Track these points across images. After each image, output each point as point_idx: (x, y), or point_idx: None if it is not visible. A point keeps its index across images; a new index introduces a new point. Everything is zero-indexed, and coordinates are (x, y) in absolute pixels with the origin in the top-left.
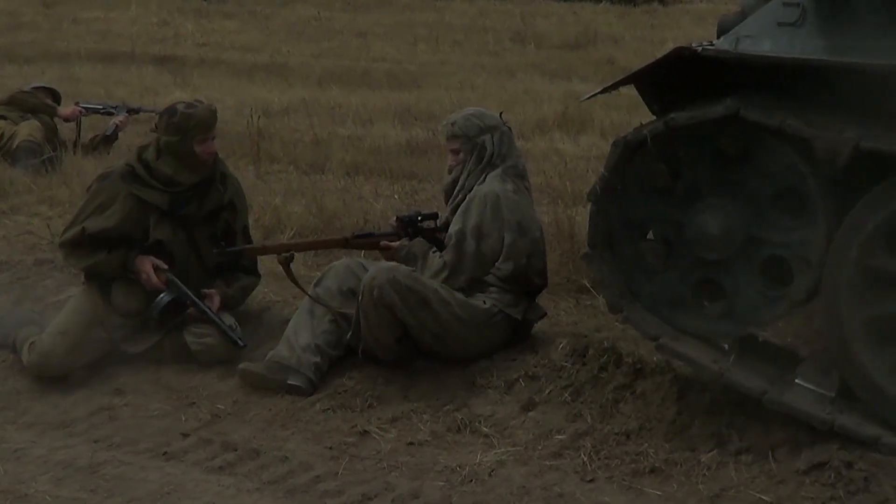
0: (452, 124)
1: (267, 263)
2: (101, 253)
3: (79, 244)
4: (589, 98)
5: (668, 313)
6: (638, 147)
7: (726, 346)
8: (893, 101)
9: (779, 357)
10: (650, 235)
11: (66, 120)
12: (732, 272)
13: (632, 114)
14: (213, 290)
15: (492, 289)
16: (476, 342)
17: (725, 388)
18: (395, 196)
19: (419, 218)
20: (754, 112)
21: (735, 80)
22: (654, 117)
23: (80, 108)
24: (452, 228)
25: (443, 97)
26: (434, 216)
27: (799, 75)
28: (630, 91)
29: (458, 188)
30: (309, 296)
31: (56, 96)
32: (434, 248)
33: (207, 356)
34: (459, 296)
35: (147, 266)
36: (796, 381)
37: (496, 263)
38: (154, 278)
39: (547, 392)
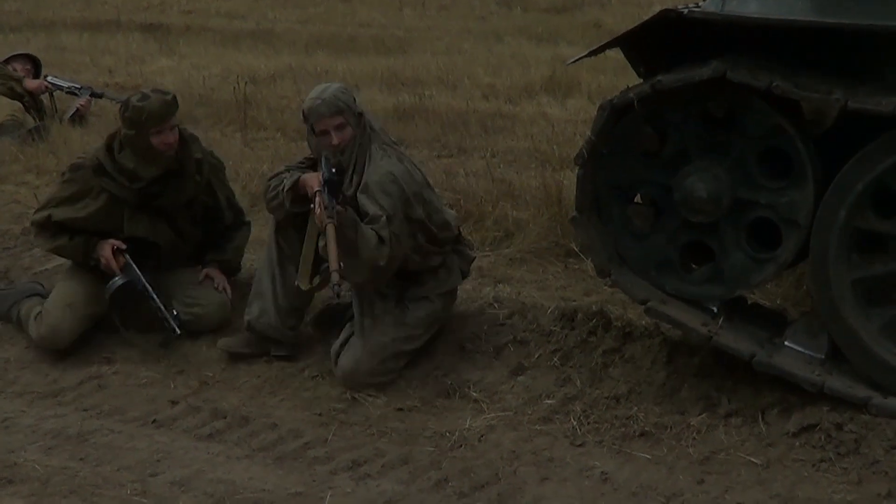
0: (335, 99)
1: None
2: (63, 237)
3: (45, 227)
4: (575, 61)
5: (657, 277)
6: (625, 110)
7: (715, 309)
8: (881, 62)
9: (768, 319)
10: (638, 199)
11: (32, 92)
12: (720, 235)
13: (619, 77)
14: (210, 269)
15: (427, 276)
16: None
17: (714, 351)
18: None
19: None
20: (741, 74)
21: (722, 42)
22: (641, 80)
23: (46, 83)
24: (371, 209)
25: (430, 62)
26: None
27: (786, 37)
28: (617, 54)
29: (352, 166)
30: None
31: (37, 63)
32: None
33: (196, 325)
34: (415, 316)
35: (107, 251)
36: (785, 343)
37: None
38: (113, 263)
39: (536, 357)
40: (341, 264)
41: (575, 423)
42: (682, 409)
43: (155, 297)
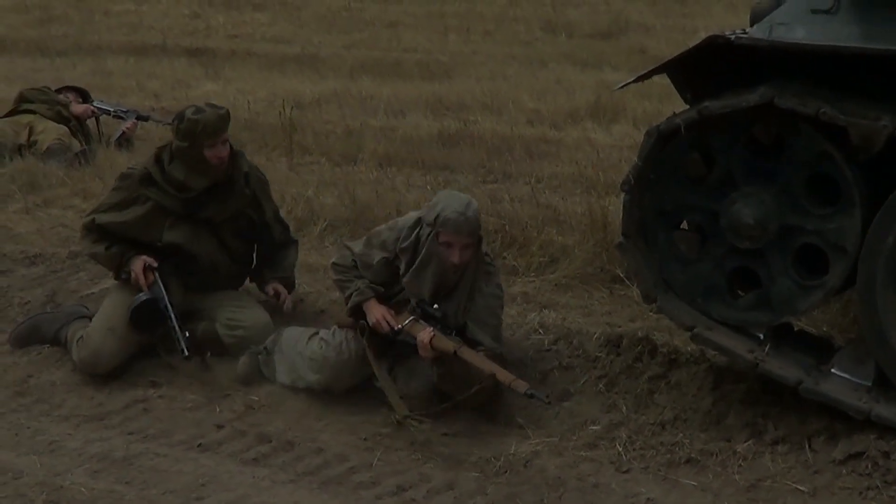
0: (476, 220)
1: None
2: (102, 245)
3: (90, 231)
4: (621, 87)
5: (703, 303)
6: (671, 136)
7: (761, 336)
8: None
9: (814, 346)
10: (684, 225)
11: (79, 117)
12: (767, 261)
13: (664, 103)
14: (276, 285)
15: None
16: None
17: (761, 378)
18: (428, 187)
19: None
20: (789, 100)
21: (769, 68)
22: (688, 106)
23: (92, 108)
24: (484, 340)
25: (474, 87)
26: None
27: (833, 63)
28: (662, 80)
29: (460, 289)
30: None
31: (85, 95)
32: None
33: (240, 349)
34: None
35: (138, 266)
36: (832, 370)
37: None
38: (141, 278)
39: (581, 383)
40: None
41: (620, 449)
42: (728, 436)
43: (173, 316)
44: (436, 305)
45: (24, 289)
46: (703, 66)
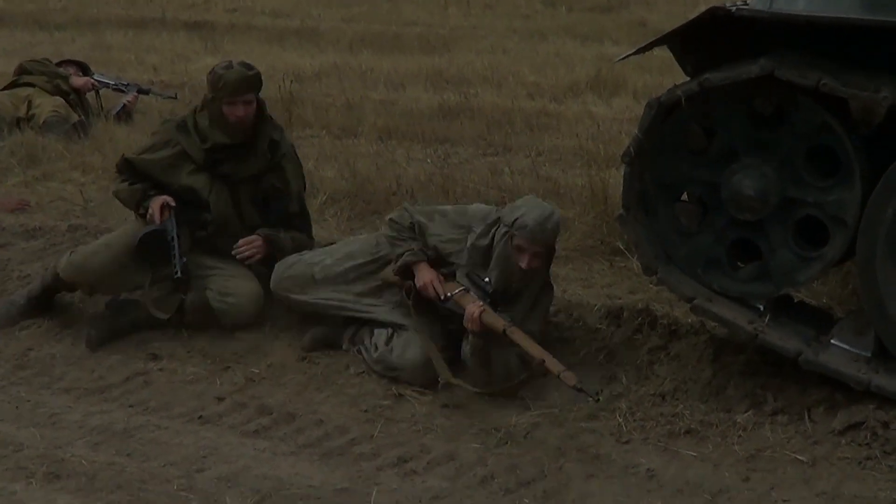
0: (556, 231)
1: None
2: (126, 182)
3: (120, 170)
4: (622, 59)
5: (703, 274)
6: (672, 108)
7: (761, 307)
8: None
9: (814, 317)
10: (684, 197)
11: (79, 90)
12: (767, 233)
13: (665, 75)
14: (256, 237)
15: None
16: None
17: (761, 349)
18: (428, 160)
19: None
20: (789, 72)
21: (769, 39)
22: (688, 78)
23: (92, 81)
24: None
25: (474, 61)
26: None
27: (834, 34)
28: (663, 52)
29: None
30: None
31: (86, 69)
32: None
33: (229, 316)
34: None
35: (157, 202)
36: (832, 341)
37: None
38: (157, 213)
39: (582, 354)
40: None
41: (620, 420)
42: (728, 407)
43: (177, 246)
44: (487, 279)
45: (24, 262)
46: (704, 39)
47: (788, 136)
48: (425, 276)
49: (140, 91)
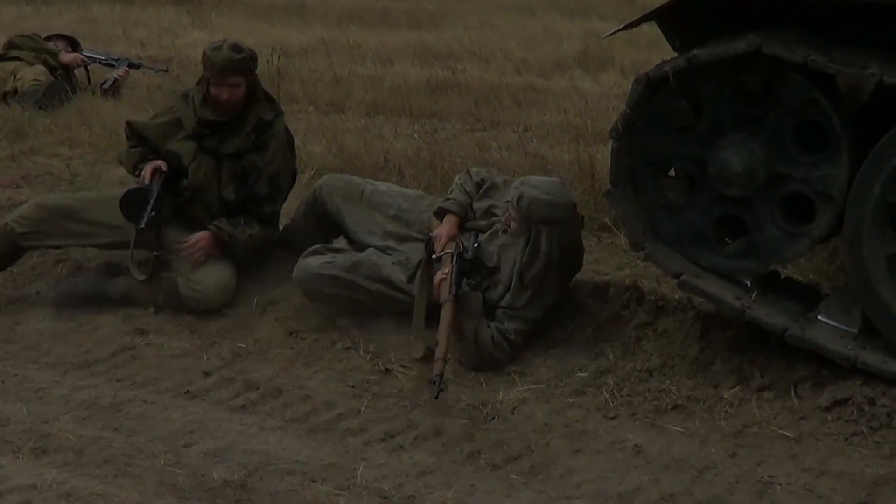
0: (567, 204)
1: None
2: (128, 146)
3: (127, 137)
4: (610, 35)
5: (690, 250)
6: (660, 84)
7: (748, 283)
8: None
9: (801, 294)
10: (672, 172)
11: (68, 66)
12: (755, 209)
13: (652, 51)
14: (202, 234)
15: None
16: None
17: (748, 325)
18: (416, 135)
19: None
20: (777, 48)
21: (758, 15)
22: (676, 54)
23: (82, 56)
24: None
25: (462, 36)
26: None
27: (822, 10)
28: (651, 28)
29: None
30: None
31: (75, 44)
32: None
33: (197, 304)
34: None
35: (149, 167)
36: (819, 317)
37: None
38: (148, 176)
39: (569, 330)
40: (447, 355)
41: (607, 395)
42: (715, 383)
43: (152, 202)
44: (476, 244)
45: None
46: (692, 14)
47: (776, 112)
48: (443, 228)
49: (131, 65)
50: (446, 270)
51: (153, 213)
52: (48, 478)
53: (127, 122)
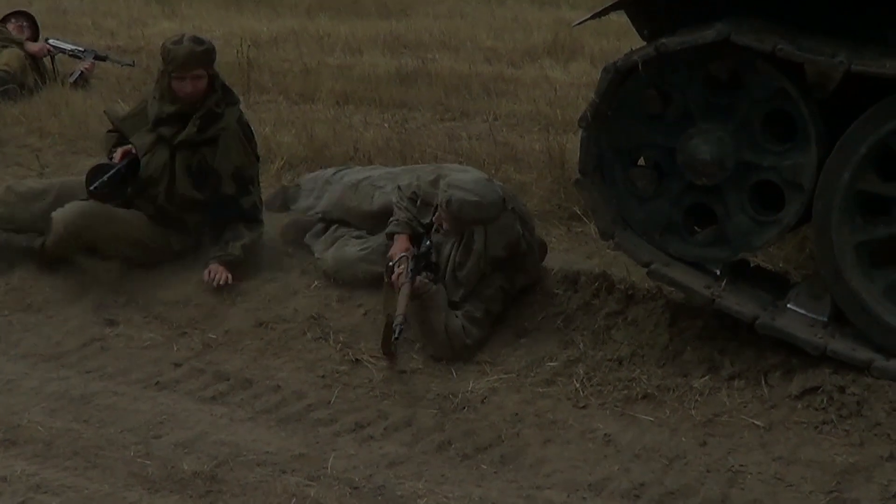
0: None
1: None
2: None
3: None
4: (579, 24)
5: (660, 239)
6: (628, 73)
7: (718, 272)
8: (885, 25)
9: (771, 282)
10: (641, 161)
11: (34, 55)
12: (724, 197)
13: (622, 40)
14: (212, 267)
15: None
16: None
17: (717, 314)
18: (386, 125)
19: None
20: (745, 36)
21: (726, 4)
22: (645, 43)
23: (48, 46)
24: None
25: (432, 25)
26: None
27: None
28: (621, 17)
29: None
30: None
31: (33, 21)
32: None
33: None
34: None
35: (121, 150)
36: (788, 305)
37: None
38: (118, 156)
39: (539, 319)
40: (406, 317)
41: (578, 385)
42: (685, 372)
43: (111, 172)
44: (428, 241)
45: None
46: (660, 3)
47: (745, 101)
48: (396, 248)
49: (97, 57)
50: (401, 268)
51: (105, 180)
52: (17, 469)
53: (105, 112)
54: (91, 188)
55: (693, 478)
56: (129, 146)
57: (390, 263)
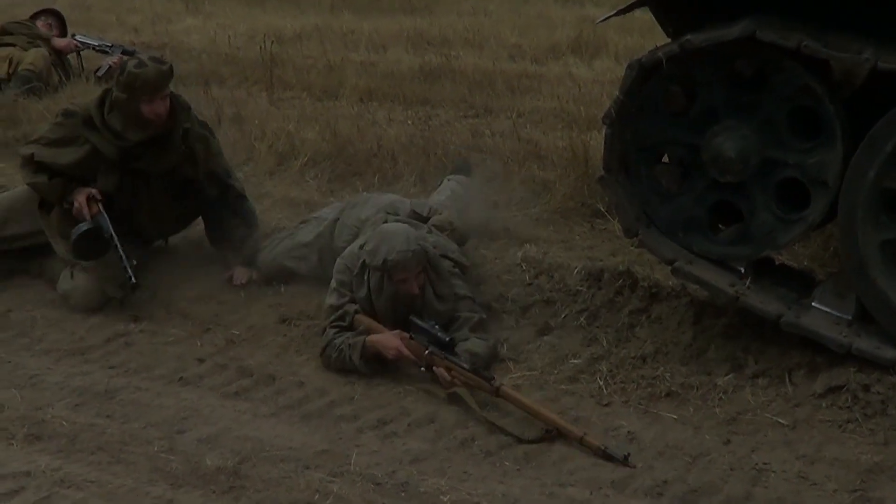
0: (421, 250)
1: (275, 193)
2: (43, 176)
3: (29, 163)
4: (603, 21)
5: (684, 237)
6: (653, 69)
7: (742, 270)
8: None
9: (795, 280)
10: (665, 158)
11: (61, 51)
12: (748, 195)
13: (646, 37)
14: (236, 271)
15: None
16: None
17: (741, 312)
18: (409, 122)
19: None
20: (771, 33)
21: (751, 1)
22: (669, 40)
23: (75, 42)
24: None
25: (456, 23)
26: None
27: None
28: (644, 14)
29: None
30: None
31: (61, 19)
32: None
33: (69, 301)
34: None
35: (81, 197)
36: (813, 304)
37: None
38: (85, 209)
39: (562, 317)
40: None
41: (601, 382)
42: (709, 370)
43: (118, 245)
44: (449, 339)
45: None
46: (685, 0)
47: (770, 98)
48: (388, 350)
49: (125, 52)
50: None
51: (134, 261)
52: (42, 464)
53: (32, 157)
54: (132, 283)
55: (716, 476)
56: (88, 191)
57: (422, 369)
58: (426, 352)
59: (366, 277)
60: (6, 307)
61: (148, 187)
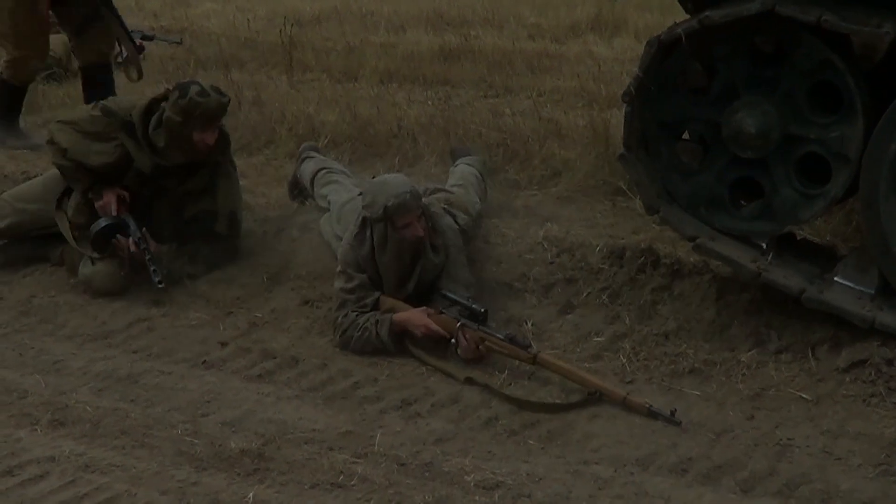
0: (416, 191)
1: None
2: (70, 163)
3: (58, 148)
4: None
5: (706, 213)
6: (672, 46)
7: (764, 245)
8: None
9: (817, 255)
10: (686, 135)
11: None
12: (770, 170)
13: (666, 14)
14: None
15: None
16: None
17: (764, 288)
18: (429, 102)
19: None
20: (790, 8)
21: None
22: (689, 16)
23: None
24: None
25: (475, 2)
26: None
27: None
28: None
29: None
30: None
31: None
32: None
33: (88, 287)
34: None
35: (111, 196)
36: (835, 278)
37: None
38: (113, 205)
39: (585, 295)
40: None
41: (624, 360)
42: (732, 346)
43: (148, 248)
44: (483, 310)
45: None
46: None
47: (790, 73)
48: (417, 327)
49: (144, 37)
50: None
51: (166, 270)
52: (66, 449)
53: (63, 152)
54: (160, 285)
55: (741, 451)
56: (118, 192)
57: (451, 341)
58: (458, 324)
59: (368, 234)
60: (29, 293)
61: (162, 200)
